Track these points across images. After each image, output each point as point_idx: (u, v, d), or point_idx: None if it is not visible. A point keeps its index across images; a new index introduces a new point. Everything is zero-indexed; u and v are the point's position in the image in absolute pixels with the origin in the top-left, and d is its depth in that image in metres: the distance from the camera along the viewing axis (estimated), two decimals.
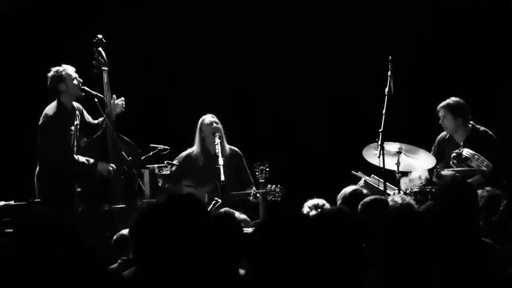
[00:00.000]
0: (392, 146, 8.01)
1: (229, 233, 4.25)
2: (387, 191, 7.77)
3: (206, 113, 8.56)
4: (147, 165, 8.29)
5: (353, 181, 7.92)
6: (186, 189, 8.33)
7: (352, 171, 8.33)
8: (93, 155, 7.93)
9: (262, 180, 8.21)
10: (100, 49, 8.18)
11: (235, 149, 8.53)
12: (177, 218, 3.76)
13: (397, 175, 7.95)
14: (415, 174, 8.10)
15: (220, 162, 8.01)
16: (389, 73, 8.02)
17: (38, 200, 7.60)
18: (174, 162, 8.38)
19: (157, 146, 8.19)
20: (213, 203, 7.67)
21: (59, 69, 7.93)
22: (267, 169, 8.22)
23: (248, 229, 6.05)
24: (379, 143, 7.76)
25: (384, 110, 7.89)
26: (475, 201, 5.06)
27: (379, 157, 7.73)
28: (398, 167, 7.94)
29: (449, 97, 8.40)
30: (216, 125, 8.40)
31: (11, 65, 9.68)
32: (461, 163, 7.86)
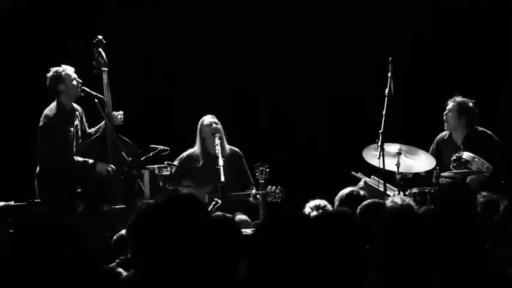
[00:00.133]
0: (392, 147, 8.00)
1: (228, 234, 4.24)
2: (387, 192, 7.76)
3: (206, 113, 8.56)
4: (147, 166, 8.29)
5: (353, 182, 7.92)
6: (186, 190, 8.33)
7: (352, 172, 8.32)
8: (93, 156, 7.93)
9: (262, 181, 8.20)
10: (100, 50, 8.17)
11: (235, 149, 8.52)
12: (176, 218, 3.76)
13: (397, 176, 7.95)
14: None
15: (220, 163, 7.99)
16: (389, 74, 8.01)
17: (38, 201, 7.61)
18: (174, 163, 8.38)
19: (157, 146, 8.18)
20: (213, 203, 7.67)
21: (58, 69, 7.91)
22: (267, 170, 8.21)
23: (248, 230, 6.07)
24: (379, 144, 7.75)
25: (384, 111, 7.88)
26: (474, 203, 5.07)
27: (379, 158, 7.73)
28: (398, 168, 7.94)
29: (451, 97, 8.41)
30: (215, 125, 8.39)
31: (11, 65, 9.66)
32: (462, 166, 7.86)
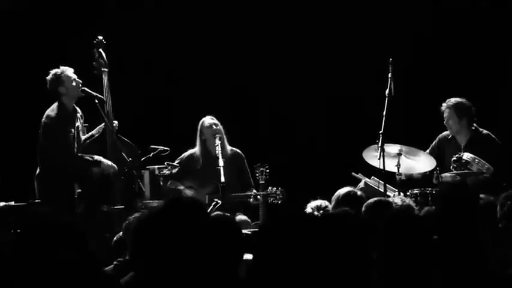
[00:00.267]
0: (392, 148, 8.00)
1: (229, 234, 4.24)
2: (387, 193, 7.76)
3: (206, 113, 8.56)
4: (147, 167, 8.29)
5: (353, 183, 7.91)
6: (187, 190, 8.33)
7: (352, 173, 8.32)
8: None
9: (263, 181, 8.19)
10: (100, 50, 8.15)
11: (237, 150, 8.51)
12: (176, 223, 3.75)
13: (398, 177, 7.95)
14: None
15: (221, 163, 7.99)
16: (389, 75, 8.01)
17: (38, 201, 7.61)
18: (175, 164, 8.37)
19: (157, 147, 8.18)
20: (213, 204, 7.67)
21: (57, 71, 7.87)
22: (267, 170, 8.20)
23: (247, 230, 6.06)
24: (380, 145, 7.75)
25: (385, 112, 7.88)
26: (475, 203, 5.05)
27: (380, 159, 7.73)
28: (399, 168, 7.94)
29: (453, 97, 8.39)
30: (215, 127, 8.38)
31: (11, 65, 9.66)
32: (462, 167, 7.85)
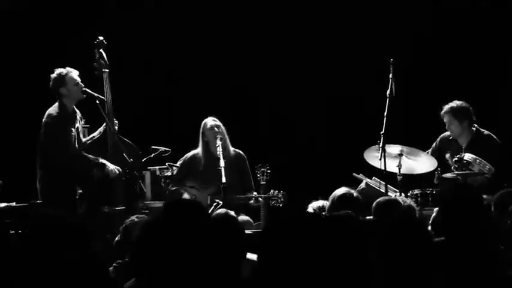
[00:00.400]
0: (393, 149, 7.99)
1: (231, 233, 4.24)
2: (388, 194, 7.76)
3: (206, 113, 8.54)
4: (148, 167, 8.29)
5: (354, 183, 7.92)
6: (189, 191, 8.32)
7: (353, 174, 8.32)
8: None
9: (264, 182, 8.18)
10: (101, 51, 8.15)
11: (239, 151, 8.49)
12: (176, 226, 3.74)
13: (399, 177, 7.95)
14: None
15: (222, 164, 7.97)
16: (390, 76, 8.00)
17: (39, 202, 7.60)
18: (176, 164, 8.37)
19: (158, 147, 8.18)
20: (214, 204, 7.67)
21: (62, 72, 7.85)
22: (268, 171, 8.18)
23: (249, 231, 6.06)
24: (381, 145, 7.75)
25: (386, 113, 7.88)
26: (477, 204, 5.05)
27: (381, 159, 7.73)
28: (400, 169, 7.94)
29: (452, 100, 8.40)
30: (217, 129, 8.34)
31: (11, 65, 9.65)
32: (463, 167, 7.86)
